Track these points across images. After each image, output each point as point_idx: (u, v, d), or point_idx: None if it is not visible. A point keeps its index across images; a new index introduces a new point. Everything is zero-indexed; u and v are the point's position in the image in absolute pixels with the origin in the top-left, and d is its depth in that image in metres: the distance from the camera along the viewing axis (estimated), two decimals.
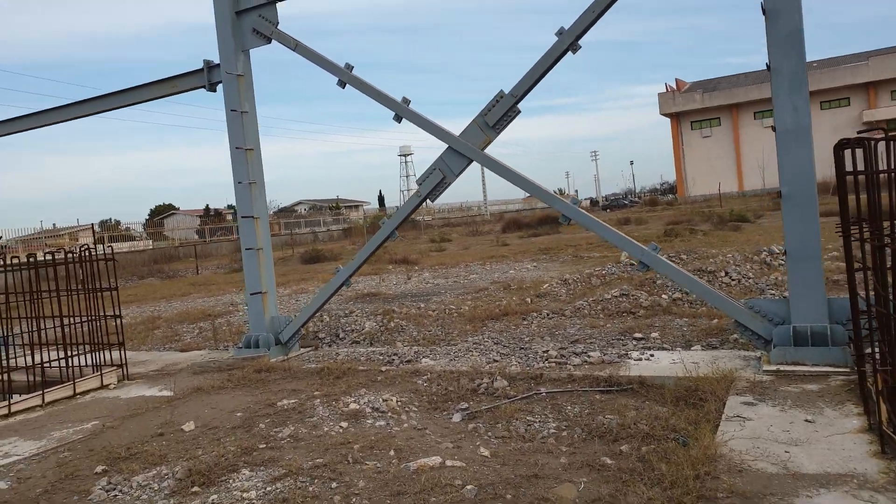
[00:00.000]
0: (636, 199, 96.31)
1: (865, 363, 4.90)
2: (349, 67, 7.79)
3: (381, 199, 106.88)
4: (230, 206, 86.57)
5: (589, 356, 6.87)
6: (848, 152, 4.63)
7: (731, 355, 6.42)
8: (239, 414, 6.20)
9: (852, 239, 4.79)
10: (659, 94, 71.34)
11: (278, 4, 8.28)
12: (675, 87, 72.89)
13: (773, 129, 5.80)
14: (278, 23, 8.25)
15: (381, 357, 7.91)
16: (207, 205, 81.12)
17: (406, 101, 7.52)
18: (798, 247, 5.78)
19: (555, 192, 7.37)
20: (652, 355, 6.73)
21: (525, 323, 9.38)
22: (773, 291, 9.53)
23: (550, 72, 6.81)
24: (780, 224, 22.51)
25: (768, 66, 5.75)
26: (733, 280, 10.31)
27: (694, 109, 69.74)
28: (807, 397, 4.96)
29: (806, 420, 4.49)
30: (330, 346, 9.30)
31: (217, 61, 8.64)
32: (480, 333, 8.97)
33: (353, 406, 6.00)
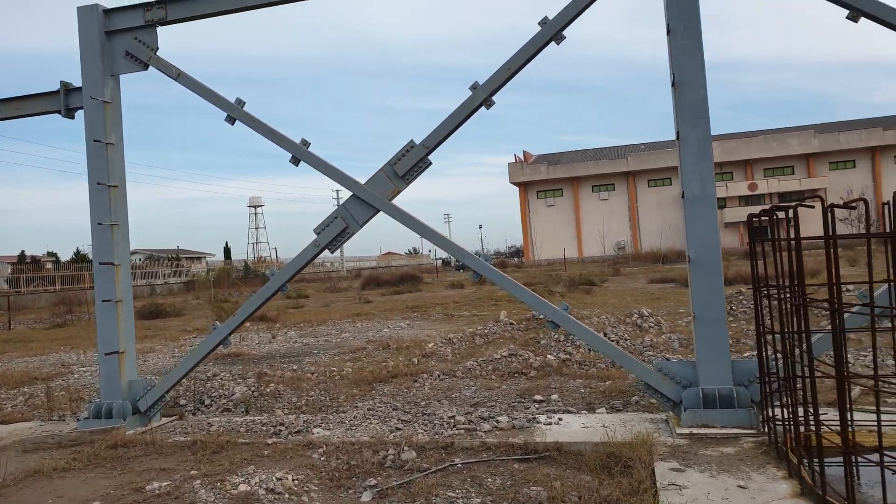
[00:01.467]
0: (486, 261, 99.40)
1: (777, 425, 5.03)
2: (240, 103, 7.16)
3: (227, 251, 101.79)
4: (50, 253, 78.10)
5: (498, 421, 6.55)
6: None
7: (638, 418, 6.39)
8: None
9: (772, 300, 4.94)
10: (509, 164, 75.44)
11: (160, 29, 7.51)
12: (523, 158, 77.46)
13: (682, 196, 5.98)
14: (158, 48, 7.47)
15: (265, 427, 7.07)
16: (23, 251, 72.38)
17: (305, 142, 7.01)
18: (705, 310, 5.93)
19: (485, 252, 7.11)
20: (560, 419, 6.55)
21: (417, 385, 8.92)
22: (650, 353, 9.86)
23: (464, 124, 6.67)
24: (624, 287, 23.96)
25: (677, 135, 5.97)
26: (612, 341, 10.56)
27: (540, 180, 74.43)
28: (729, 461, 4.95)
29: (739, 486, 4.44)
30: (195, 414, 8.23)
31: (78, 84, 7.63)
32: (371, 398, 8.38)
33: (242, 488, 5.19)
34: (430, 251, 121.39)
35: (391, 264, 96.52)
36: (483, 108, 6.56)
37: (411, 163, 6.71)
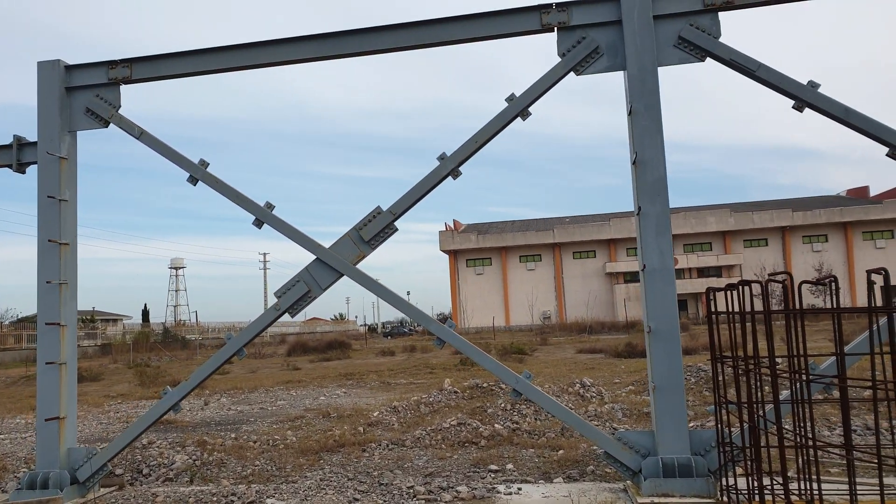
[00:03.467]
0: (413, 328, 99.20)
1: (736, 493, 5.20)
2: (204, 164, 7.10)
3: (145, 313, 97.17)
4: None
5: (458, 491, 6.47)
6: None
7: (597, 487, 6.45)
8: None
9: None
10: (440, 231, 76.47)
11: (123, 87, 7.44)
12: (453, 226, 78.75)
13: (643, 269, 6.28)
14: (120, 106, 7.37)
15: (215, 498, 6.71)
16: None
17: (269, 206, 6.99)
18: (664, 380, 6.14)
19: (448, 317, 7.14)
20: (519, 489, 6.53)
21: (366, 455, 8.70)
22: (595, 422, 10.00)
23: (429, 194, 6.83)
24: (554, 357, 24.30)
25: (638, 211, 6.31)
26: None
27: (469, 248, 75.62)
28: None
29: None
30: (133, 484, 7.73)
31: (32, 139, 7.40)
32: (320, 468, 8.10)
33: None
34: (356, 317, 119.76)
35: (316, 330, 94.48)
36: (450, 177, 6.75)
37: (378, 228, 6.78)
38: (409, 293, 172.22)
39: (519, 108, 6.55)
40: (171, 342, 61.28)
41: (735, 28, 42.69)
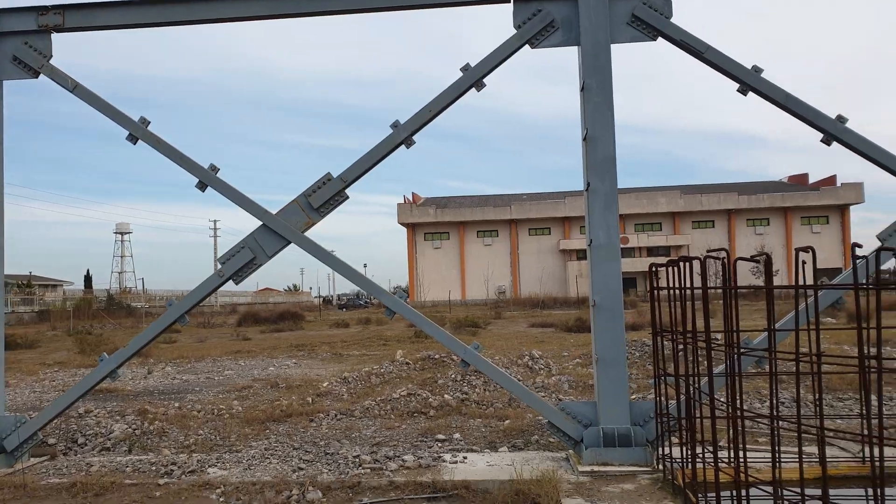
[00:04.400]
0: (369, 300, 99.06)
1: (671, 462, 5.38)
2: (144, 122, 6.84)
3: (88, 279, 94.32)
4: None
5: (404, 460, 6.51)
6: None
7: (540, 456, 6.58)
8: None
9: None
10: (398, 204, 76.04)
11: (54, 36, 7.07)
12: (412, 199, 78.41)
13: (589, 244, 6.36)
14: (51, 56, 7.01)
15: (154, 467, 6.60)
16: None
17: (214, 168, 6.79)
18: (606, 352, 6.26)
19: (399, 289, 7.10)
20: (465, 457, 6.62)
21: (314, 425, 8.68)
22: (542, 394, 10.18)
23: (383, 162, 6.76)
24: (507, 330, 24.63)
25: (587, 187, 6.37)
26: None
27: (428, 222, 75.47)
28: (630, 497, 5.21)
29: None
30: (68, 454, 7.54)
31: None
32: (266, 437, 8.05)
33: None
34: (310, 288, 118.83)
35: (269, 301, 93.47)
36: (404, 146, 6.68)
37: (327, 195, 6.68)
38: (365, 265, 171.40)
39: (473, 78, 6.50)
40: (115, 309, 59.56)
41: (690, 12, 43.20)
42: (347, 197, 6.78)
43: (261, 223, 6.80)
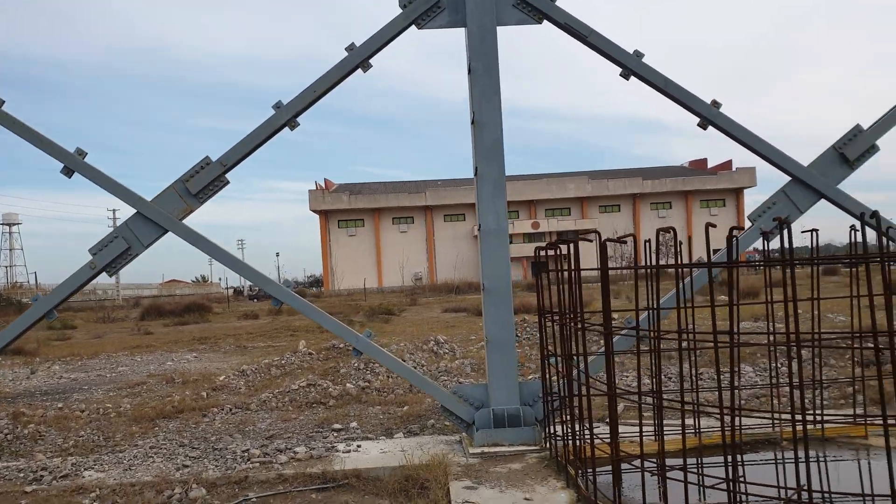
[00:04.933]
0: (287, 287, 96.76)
1: (556, 440, 5.48)
2: None
3: None
4: None
5: (295, 452, 6.36)
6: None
7: (434, 440, 6.58)
8: None
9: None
10: (310, 191, 74.51)
11: None
12: (324, 186, 77.05)
13: (479, 228, 6.36)
14: None
15: (21, 474, 6.15)
16: None
17: (80, 152, 6.32)
18: (496, 335, 6.31)
19: (288, 280, 6.84)
20: (359, 446, 6.53)
21: (206, 420, 8.35)
22: (445, 378, 10.23)
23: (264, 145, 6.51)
24: (421, 316, 24.66)
25: (475, 171, 6.36)
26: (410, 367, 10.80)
27: (341, 209, 74.42)
28: (516, 476, 5.28)
29: (525, 499, 4.75)
30: None
31: None
32: (153, 435, 7.68)
33: None
34: (220, 279, 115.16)
35: (175, 293, 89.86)
36: (287, 128, 6.45)
37: (206, 180, 6.38)
38: (278, 254, 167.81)
39: (359, 58, 6.34)
40: (3, 306, 55.72)
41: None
42: (228, 182, 6.50)
43: (135, 211, 6.43)
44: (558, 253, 5.42)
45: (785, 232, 3.71)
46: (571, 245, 4.94)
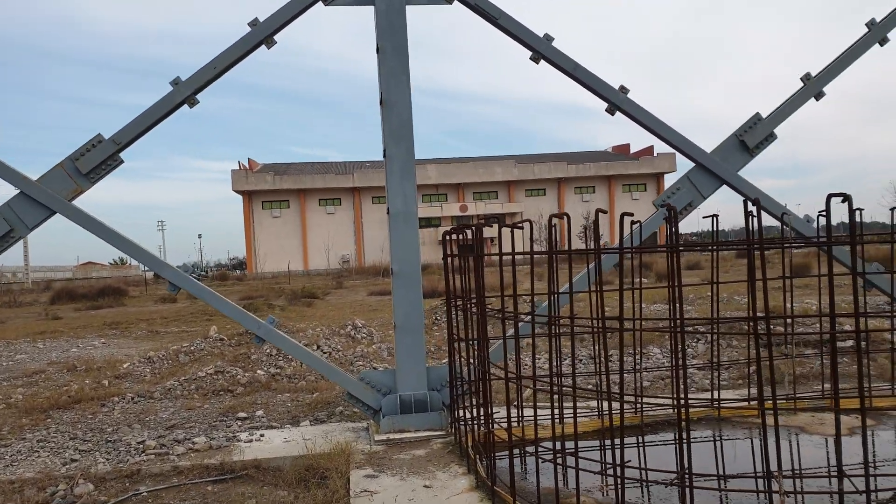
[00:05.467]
0: (204, 272, 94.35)
1: (459, 424, 5.48)
2: None
3: None
4: None
5: (194, 443, 6.12)
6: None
7: (341, 428, 6.48)
8: None
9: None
10: (232, 170, 72.32)
11: None
12: (248, 166, 74.90)
13: (388, 212, 6.25)
14: None
15: None
16: None
17: None
18: (404, 320, 6.24)
19: (186, 264, 6.52)
20: (262, 435, 6.35)
21: (105, 410, 7.96)
22: (360, 363, 10.12)
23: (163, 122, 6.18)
24: (345, 300, 24.37)
25: (384, 153, 6.23)
26: (325, 353, 10.64)
27: (265, 190, 72.59)
28: (419, 463, 5.24)
29: (425, 486, 4.72)
30: None
31: None
32: (44, 427, 7.25)
33: None
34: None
35: (92, 275, 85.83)
36: (186, 105, 6.14)
37: (98, 160, 6.00)
38: (200, 236, 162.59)
39: (262, 34, 6.07)
40: None
41: None
42: (122, 161, 6.14)
43: (18, 191, 5.98)
44: (465, 238, 5.39)
45: (671, 218, 3.77)
46: (474, 230, 4.89)
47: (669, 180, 78.41)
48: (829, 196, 3.48)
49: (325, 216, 74.55)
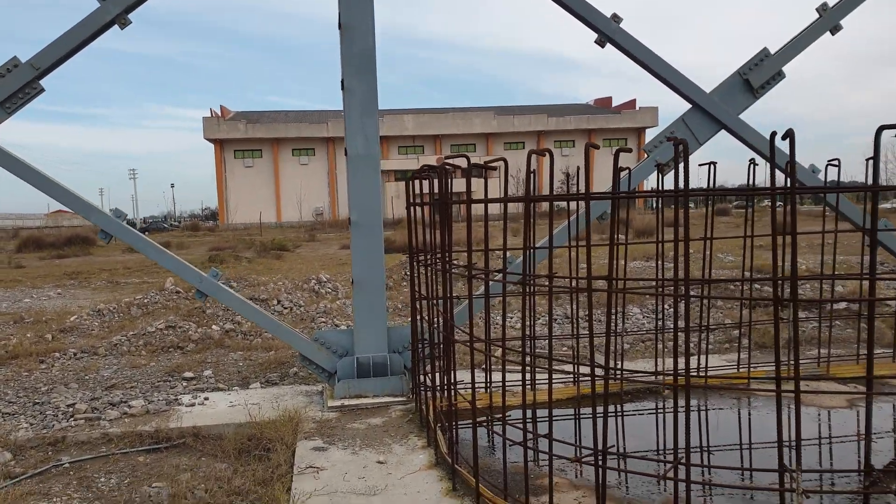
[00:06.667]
0: (176, 223, 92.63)
1: (421, 391, 4.98)
2: None
3: None
4: None
5: (130, 406, 5.55)
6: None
7: (292, 392, 5.95)
8: None
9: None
10: (204, 118, 70.08)
11: None
12: (220, 113, 72.68)
13: (345, 153, 5.61)
14: None
15: None
16: None
17: None
18: (363, 275, 5.67)
19: (119, 209, 5.83)
20: (207, 399, 5.80)
21: (44, 367, 7.34)
22: (323, 319, 9.58)
23: (83, 49, 5.42)
24: (315, 253, 23.70)
25: (342, 85, 5.55)
26: (286, 308, 10.07)
27: (238, 139, 70.58)
28: (374, 434, 4.75)
29: (378, 462, 4.23)
30: None
31: None
32: None
33: None
34: (111, 210, 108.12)
35: (62, 224, 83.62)
36: (117, 26, 5.38)
37: (14, 87, 5.25)
38: (173, 185, 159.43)
39: None
40: None
41: None
42: (42, 90, 5.39)
43: None
44: (431, 183, 4.79)
45: (681, 157, 3.18)
46: (439, 173, 4.30)
47: (651, 136, 77.83)
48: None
49: (298, 167, 72.85)
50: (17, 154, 5.44)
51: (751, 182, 5.61)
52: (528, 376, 3.81)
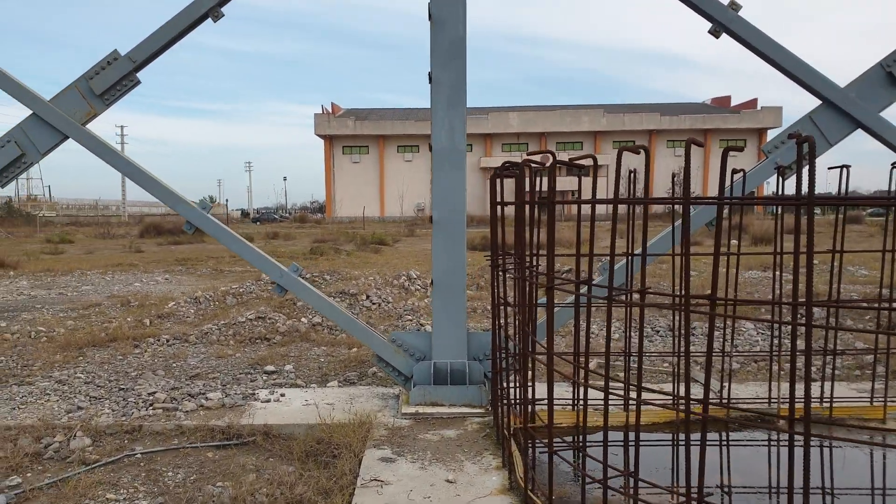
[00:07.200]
0: (287, 214, 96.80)
1: (499, 405, 4.61)
2: None
3: None
4: None
5: (207, 398, 5.55)
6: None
7: (369, 393, 5.76)
8: None
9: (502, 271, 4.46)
10: (315, 114, 72.71)
11: None
12: (331, 110, 75.12)
13: (430, 148, 5.34)
14: None
15: None
16: None
17: None
18: (443, 276, 5.37)
19: (206, 199, 5.90)
20: (283, 395, 5.71)
21: (137, 352, 7.58)
22: (409, 317, 9.40)
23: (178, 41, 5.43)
24: (413, 248, 23.77)
25: (430, 77, 5.27)
26: (374, 304, 9.98)
27: (346, 135, 72.69)
28: (446, 448, 4.44)
29: (447, 481, 3.91)
30: None
31: None
32: (73, 366, 6.92)
33: None
34: (227, 200, 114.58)
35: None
36: (210, 19, 5.36)
37: (113, 79, 5.34)
38: (285, 178, 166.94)
39: None
40: (15, 217, 56.24)
41: None
42: (139, 82, 5.45)
43: (31, 112, 5.42)
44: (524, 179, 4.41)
45: (804, 156, 2.65)
46: (521, 170, 3.92)
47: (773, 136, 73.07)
48: None
49: (402, 163, 74.08)
50: (118, 147, 5.55)
51: (892, 189, 4.84)
52: (613, 397, 3.36)
